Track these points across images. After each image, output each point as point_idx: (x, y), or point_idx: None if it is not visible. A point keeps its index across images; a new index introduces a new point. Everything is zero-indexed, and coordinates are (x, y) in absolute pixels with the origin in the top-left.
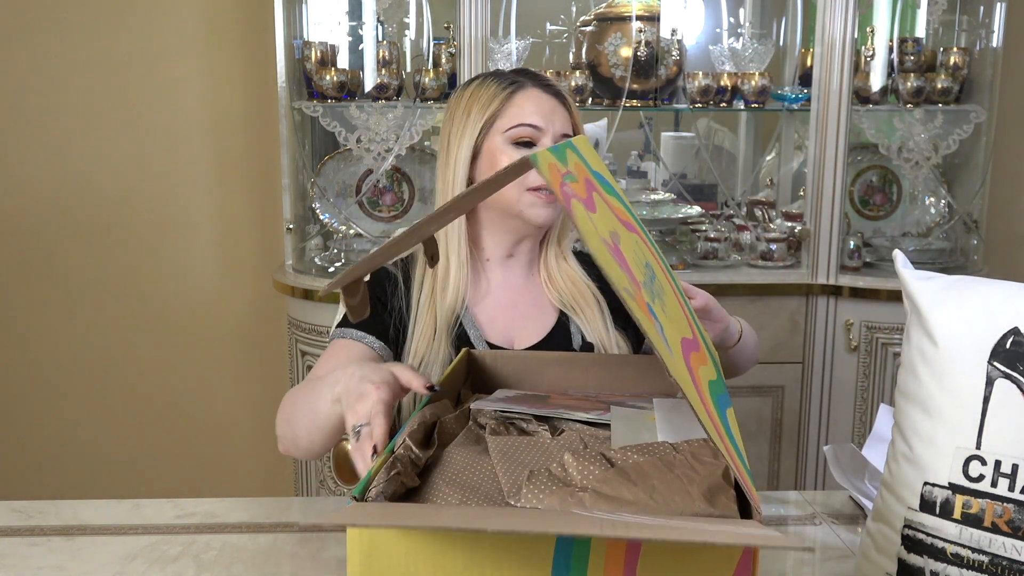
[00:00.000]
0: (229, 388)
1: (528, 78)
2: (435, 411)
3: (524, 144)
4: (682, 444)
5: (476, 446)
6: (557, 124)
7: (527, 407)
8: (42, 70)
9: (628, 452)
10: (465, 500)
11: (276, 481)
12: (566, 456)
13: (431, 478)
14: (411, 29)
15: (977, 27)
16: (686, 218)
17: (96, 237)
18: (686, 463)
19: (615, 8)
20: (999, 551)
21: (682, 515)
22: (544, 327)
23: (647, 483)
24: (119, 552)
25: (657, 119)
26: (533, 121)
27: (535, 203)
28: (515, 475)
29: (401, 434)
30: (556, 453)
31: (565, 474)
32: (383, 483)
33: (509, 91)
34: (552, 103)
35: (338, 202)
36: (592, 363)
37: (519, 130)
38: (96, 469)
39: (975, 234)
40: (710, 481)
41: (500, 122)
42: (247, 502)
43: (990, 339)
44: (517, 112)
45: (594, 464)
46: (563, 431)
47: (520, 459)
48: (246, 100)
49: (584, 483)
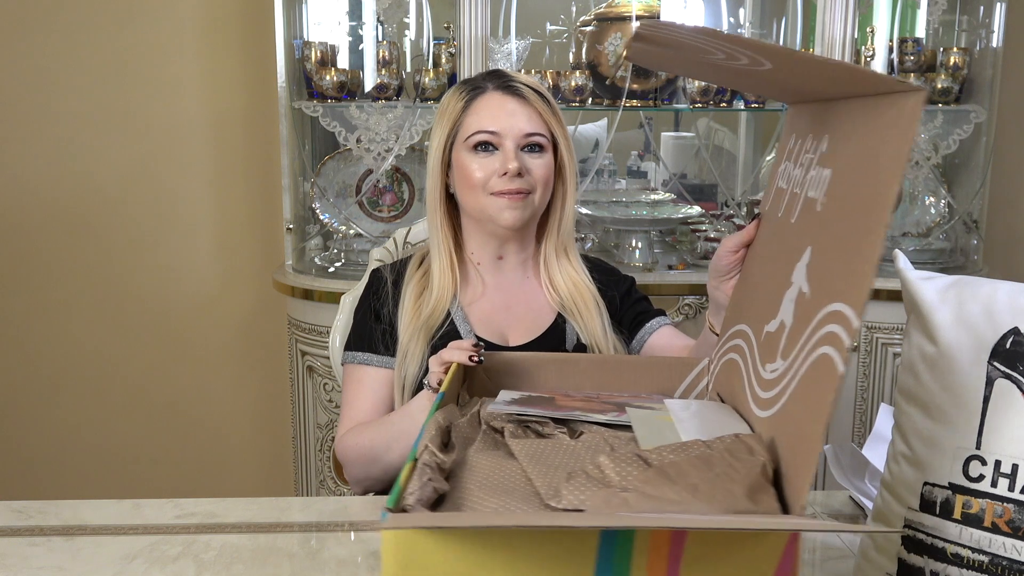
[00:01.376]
0: (229, 388)
1: (492, 79)
2: (446, 415)
3: (485, 149)
4: (715, 442)
5: (496, 450)
6: (520, 124)
7: (540, 410)
8: (42, 70)
9: (663, 452)
10: (505, 504)
11: (276, 481)
12: (601, 458)
13: (461, 483)
14: (411, 29)
15: (977, 27)
16: (686, 218)
17: (96, 237)
18: (724, 461)
19: (615, 8)
20: (999, 551)
21: (725, 514)
22: (539, 327)
23: (688, 482)
24: (119, 552)
25: (657, 119)
26: (488, 127)
27: (502, 206)
28: (548, 478)
29: (420, 441)
30: (583, 455)
31: (602, 475)
32: (418, 490)
33: (467, 99)
34: (514, 103)
35: (338, 202)
36: (588, 364)
37: (476, 137)
38: (96, 469)
39: (975, 234)
40: (751, 479)
41: (462, 131)
42: (247, 502)
43: (990, 339)
44: (474, 120)
45: (631, 465)
46: (582, 433)
47: (549, 462)
48: (246, 100)
49: (624, 484)
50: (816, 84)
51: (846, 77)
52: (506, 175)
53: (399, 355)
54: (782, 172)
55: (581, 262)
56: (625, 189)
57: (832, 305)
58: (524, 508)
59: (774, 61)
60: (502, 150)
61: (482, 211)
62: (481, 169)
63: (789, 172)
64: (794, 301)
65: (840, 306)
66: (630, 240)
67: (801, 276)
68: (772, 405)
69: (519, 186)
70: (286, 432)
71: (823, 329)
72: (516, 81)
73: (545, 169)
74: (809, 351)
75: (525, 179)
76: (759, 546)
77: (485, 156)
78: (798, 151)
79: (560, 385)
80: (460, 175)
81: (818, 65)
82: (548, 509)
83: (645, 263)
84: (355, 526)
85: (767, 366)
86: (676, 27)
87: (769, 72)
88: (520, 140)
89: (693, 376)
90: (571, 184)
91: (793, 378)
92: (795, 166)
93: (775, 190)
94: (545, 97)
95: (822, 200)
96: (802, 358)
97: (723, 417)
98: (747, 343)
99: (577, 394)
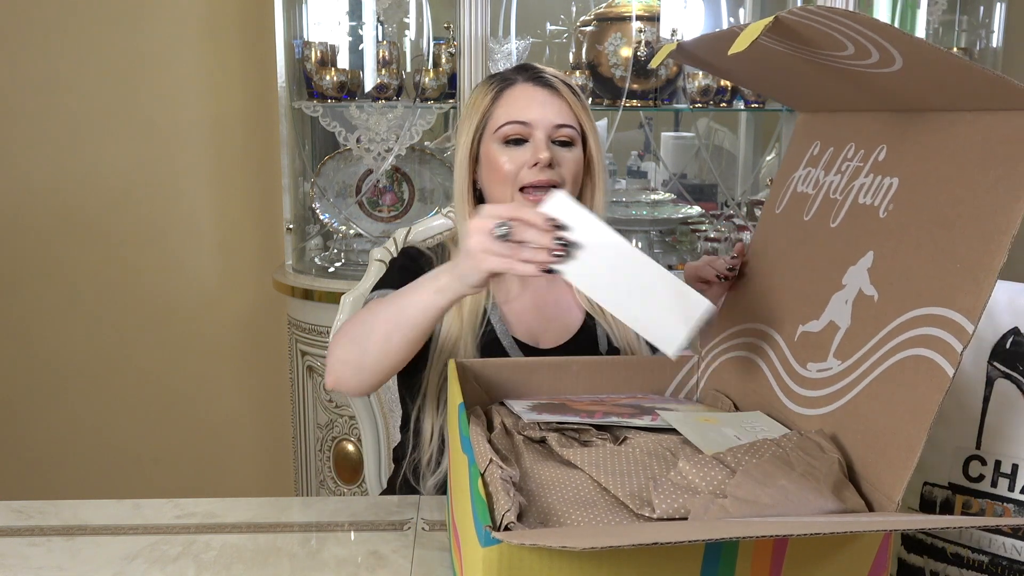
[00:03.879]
0: (229, 388)
1: (521, 72)
2: (476, 427)
3: (515, 142)
4: (783, 440)
5: (548, 460)
6: (550, 115)
7: (578, 417)
8: (42, 70)
9: (738, 454)
10: (594, 517)
11: (276, 481)
12: (681, 464)
13: (532, 497)
14: (411, 29)
15: (977, 27)
16: (686, 218)
17: (96, 237)
18: (802, 460)
19: (615, 8)
20: (999, 551)
21: (818, 513)
22: (569, 329)
23: (777, 484)
24: (119, 552)
25: (657, 119)
26: (519, 117)
27: (525, 205)
28: (626, 487)
29: (475, 453)
30: (648, 462)
31: (687, 482)
32: (512, 507)
33: (497, 90)
34: (544, 95)
35: (338, 202)
36: (580, 367)
37: (507, 128)
38: (96, 469)
39: None
40: (833, 477)
41: (491, 123)
42: (247, 502)
43: (990, 339)
44: (504, 111)
45: (714, 469)
46: (626, 439)
47: (614, 470)
48: (246, 100)
49: (712, 489)
50: (936, 96)
51: (986, 90)
52: (536, 166)
53: (445, 348)
54: (801, 177)
55: None
56: (625, 189)
57: (922, 310)
58: (615, 519)
59: (907, 58)
60: (532, 141)
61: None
62: (511, 161)
63: (817, 178)
64: (851, 303)
65: (941, 311)
66: (630, 240)
67: (861, 279)
68: (827, 403)
69: (549, 177)
70: (286, 432)
71: (909, 332)
72: (546, 73)
73: (575, 163)
74: (890, 351)
75: (556, 171)
76: (857, 543)
77: (515, 148)
78: (831, 158)
79: (554, 389)
80: (489, 168)
81: (955, 70)
82: (641, 519)
83: None
84: (355, 526)
85: (810, 365)
86: (817, 12)
87: (890, 76)
88: (551, 131)
89: (683, 374)
90: (599, 180)
91: (864, 376)
92: (828, 173)
93: (791, 194)
94: (575, 90)
95: (887, 208)
96: (877, 357)
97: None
98: (767, 342)
99: (585, 397)
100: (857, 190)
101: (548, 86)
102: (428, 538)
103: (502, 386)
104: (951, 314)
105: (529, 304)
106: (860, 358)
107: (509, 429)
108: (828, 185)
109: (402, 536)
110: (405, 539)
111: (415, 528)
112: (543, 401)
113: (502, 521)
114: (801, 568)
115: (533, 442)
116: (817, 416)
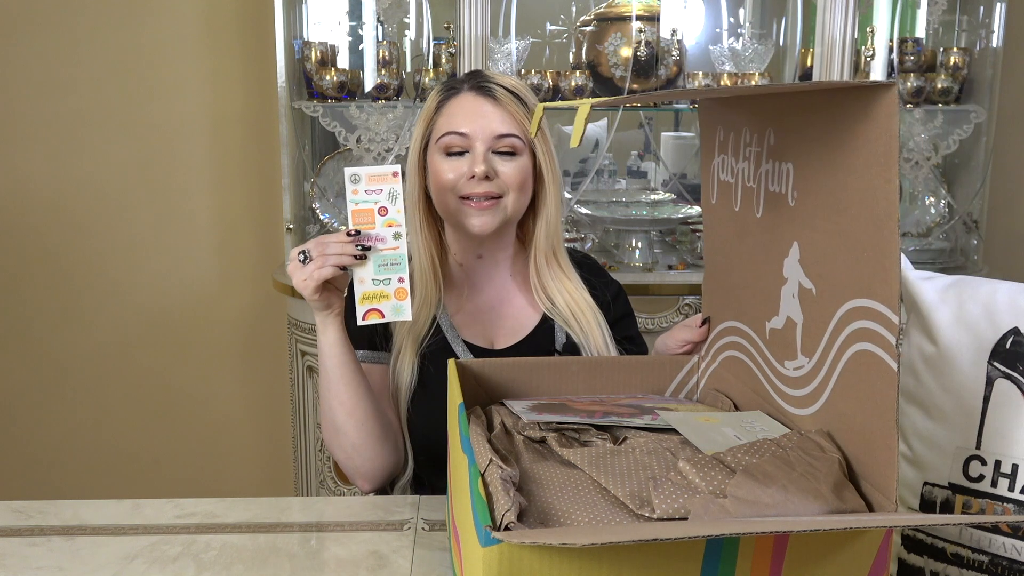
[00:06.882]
0: (229, 388)
1: (468, 80)
2: (476, 427)
3: (456, 154)
4: (783, 440)
5: (547, 460)
6: (492, 125)
7: (576, 417)
8: (42, 70)
9: (738, 454)
10: (595, 516)
11: (276, 481)
12: (682, 464)
13: (532, 496)
14: (411, 29)
15: (977, 27)
16: (686, 218)
17: (96, 237)
18: (802, 460)
19: (615, 8)
20: (999, 551)
21: (819, 514)
22: (524, 328)
23: (778, 484)
24: (119, 552)
25: (657, 119)
26: (458, 128)
27: (470, 212)
28: (625, 487)
29: (480, 454)
30: (647, 461)
31: (687, 481)
32: (512, 506)
33: (441, 99)
34: (486, 105)
35: (338, 202)
36: (579, 367)
37: (446, 139)
38: (96, 469)
39: (975, 234)
40: (833, 477)
41: (434, 132)
42: (247, 502)
43: (990, 339)
44: (446, 121)
45: (714, 469)
46: (625, 439)
47: (614, 470)
48: (246, 100)
49: (714, 489)
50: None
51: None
52: (474, 178)
53: (391, 366)
54: (720, 164)
55: (572, 269)
56: (625, 189)
57: (854, 301)
58: (615, 519)
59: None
60: (472, 152)
61: (452, 215)
62: (451, 171)
63: (732, 165)
64: (797, 297)
65: (868, 302)
66: (630, 240)
67: (797, 272)
68: (811, 403)
69: (487, 189)
70: (286, 432)
71: (851, 325)
72: (491, 82)
73: (519, 172)
74: (841, 347)
75: (495, 183)
76: (857, 543)
77: (456, 159)
78: (735, 144)
79: (554, 389)
80: (432, 177)
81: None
82: (641, 519)
83: (645, 263)
84: (355, 526)
85: (787, 363)
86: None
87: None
88: (491, 142)
89: (683, 374)
90: (552, 187)
91: (830, 374)
92: (738, 160)
93: (719, 183)
94: (521, 98)
95: (793, 195)
96: (833, 354)
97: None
98: (748, 341)
99: (585, 397)
100: (765, 177)
101: (490, 96)
102: (428, 538)
103: (502, 386)
104: (876, 305)
105: (484, 304)
106: (821, 355)
107: (509, 429)
108: (741, 172)
109: (402, 536)
110: (405, 539)
111: (415, 528)
112: (543, 401)
113: (502, 521)
114: (801, 568)
115: (533, 442)
116: (808, 416)
